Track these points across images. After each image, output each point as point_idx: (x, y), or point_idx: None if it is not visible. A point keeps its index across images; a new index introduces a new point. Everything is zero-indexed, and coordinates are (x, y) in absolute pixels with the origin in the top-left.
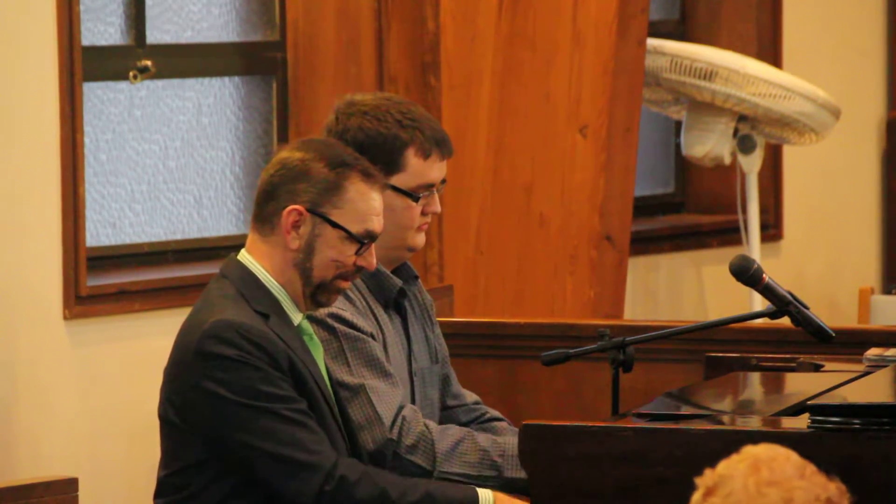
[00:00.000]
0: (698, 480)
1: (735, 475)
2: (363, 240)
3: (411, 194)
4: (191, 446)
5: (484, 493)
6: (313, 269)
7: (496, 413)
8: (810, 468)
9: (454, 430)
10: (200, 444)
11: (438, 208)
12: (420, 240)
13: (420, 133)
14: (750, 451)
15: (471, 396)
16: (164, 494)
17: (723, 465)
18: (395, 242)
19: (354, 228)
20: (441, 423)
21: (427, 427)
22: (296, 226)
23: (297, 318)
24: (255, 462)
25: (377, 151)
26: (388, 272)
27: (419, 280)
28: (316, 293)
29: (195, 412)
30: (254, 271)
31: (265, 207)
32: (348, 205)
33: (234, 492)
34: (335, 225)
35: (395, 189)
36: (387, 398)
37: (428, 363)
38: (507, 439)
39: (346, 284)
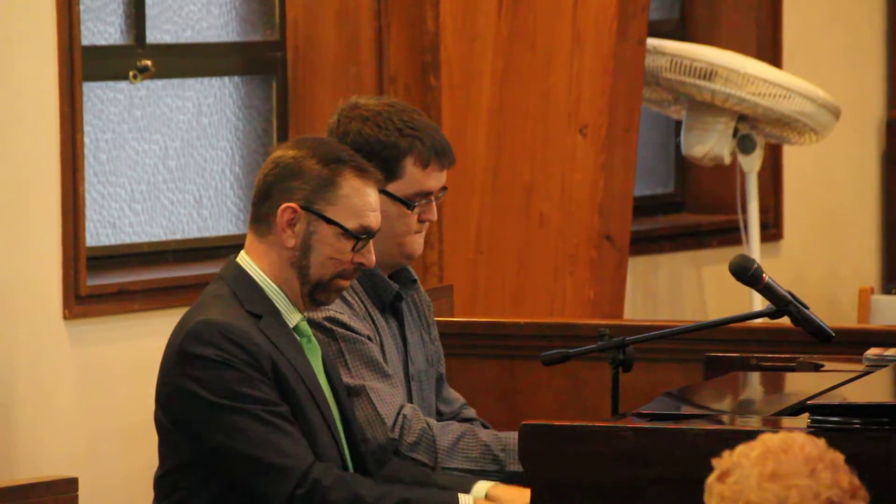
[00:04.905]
0: (715, 461)
1: (744, 464)
2: (359, 235)
3: (407, 202)
4: (177, 447)
5: (465, 500)
6: (310, 267)
7: (472, 414)
8: (824, 464)
9: (455, 426)
10: (185, 446)
11: (435, 216)
12: (417, 247)
13: (420, 143)
14: (765, 439)
15: (458, 399)
16: (157, 498)
17: (739, 451)
18: (392, 249)
19: (350, 224)
20: None
21: (428, 424)
22: (291, 224)
23: (294, 318)
24: (229, 463)
25: (375, 158)
26: (385, 276)
27: (418, 283)
28: (314, 292)
29: (177, 412)
30: (249, 272)
31: (261, 207)
32: (342, 201)
33: (222, 497)
34: (330, 221)
35: (391, 196)
36: (387, 398)
37: (425, 366)
38: (510, 433)
39: (345, 283)
